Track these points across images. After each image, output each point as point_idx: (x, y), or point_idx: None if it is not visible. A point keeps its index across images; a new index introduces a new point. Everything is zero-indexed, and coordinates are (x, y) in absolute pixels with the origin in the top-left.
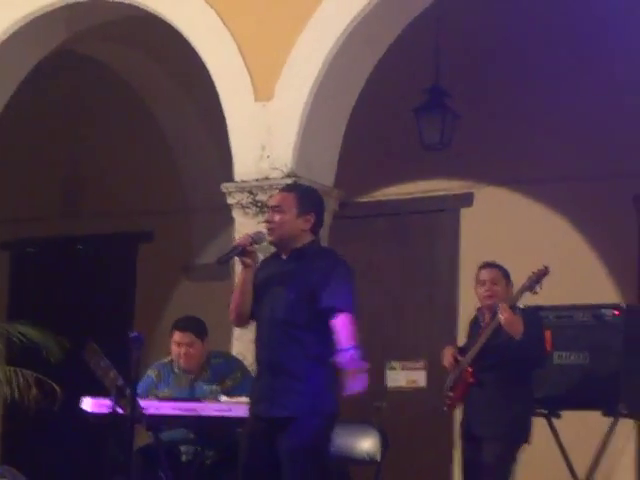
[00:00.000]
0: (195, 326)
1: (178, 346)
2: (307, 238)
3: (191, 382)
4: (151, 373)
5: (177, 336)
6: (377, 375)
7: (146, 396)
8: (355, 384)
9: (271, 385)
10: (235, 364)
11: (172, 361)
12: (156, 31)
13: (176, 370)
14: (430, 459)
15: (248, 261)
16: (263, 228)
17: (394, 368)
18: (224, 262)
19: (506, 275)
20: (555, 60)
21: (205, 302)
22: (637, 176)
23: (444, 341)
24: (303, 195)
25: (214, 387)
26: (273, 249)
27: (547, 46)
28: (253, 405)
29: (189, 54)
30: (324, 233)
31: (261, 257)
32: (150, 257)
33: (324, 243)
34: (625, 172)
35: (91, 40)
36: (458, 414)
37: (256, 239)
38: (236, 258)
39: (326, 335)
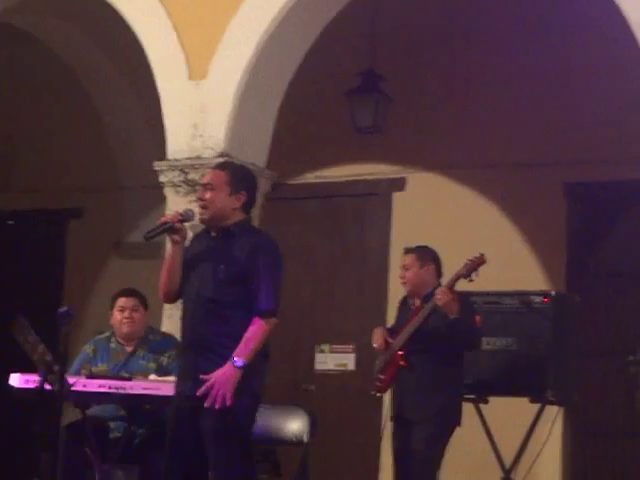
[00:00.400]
0: (139, 294)
1: (122, 311)
2: (238, 217)
3: (128, 356)
4: (87, 348)
5: (121, 301)
6: (306, 358)
7: (79, 371)
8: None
9: (195, 363)
10: (172, 342)
11: (109, 337)
12: (93, 8)
13: (112, 345)
14: (359, 442)
15: (176, 238)
16: (194, 206)
17: (323, 351)
18: (150, 237)
19: (422, 258)
20: (490, 44)
21: (136, 280)
22: (568, 164)
23: (374, 325)
24: (235, 173)
25: (150, 364)
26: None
27: (482, 30)
28: (179, 383)
29: (125, 32)
30: (255, 214)
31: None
32: (80, 234)
33: (255, 224)
34: (556, 160)
35: (26, 14)
36: (387, 397)
37: (185, 217)
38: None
39: (251, 315)
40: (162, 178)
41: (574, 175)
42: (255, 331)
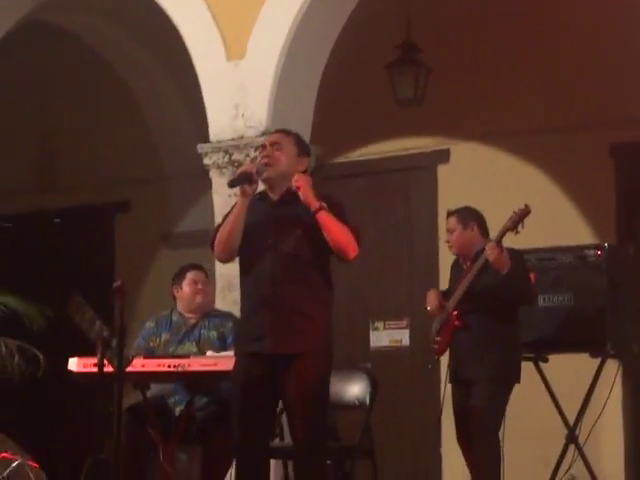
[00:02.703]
0: (205, 269)
1: (194, 284)
2: None
3: (190, 327)
4: (149, 324)
5: (192, 275)
6: (361, 336)
7: (146, 344)
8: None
9: (275, 321)
10: (231, 317)
11: (170, 312)
12: None
13: (175, 318)
14: (419, 414)
15: (249, 190)
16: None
17: (377, 328)
18: (234, 186)
19: (464, 219)
20: (525, 10)
21: None
22: (613, 125)
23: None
24: (299, 137)
25: (212, 332)
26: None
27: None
28: (248, 343)
29: (158, 18)
30: None
31: None
32: (128, 227)
33: None
34: (601, 122)
35: (59, 10)
36: (444, 363)
37: (259, 170)
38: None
39: (329, 277)
40: (206, 161)
41: (619, 136)
42: (346, 227)
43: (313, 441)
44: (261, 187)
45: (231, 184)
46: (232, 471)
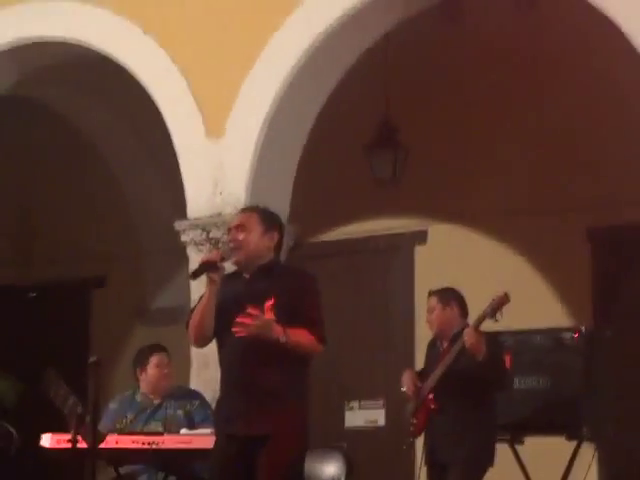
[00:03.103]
0: (166, 349)
1: (159, 367)
2: (270, 256)
3: (156, 407)
4: (112, 405)
5: (157, 358)
6: (336, 416)
7: (112, 425)
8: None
9: (247, 403)
10: (196, 394)
11: (133, 392)
12: (105, 73)
13: (138, 398)
14: None
15: (216, 277)
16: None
17: (352, 408)
18: (196, 277)
19: (444, 299)
20: (504, 91)
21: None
22: (590, 209)
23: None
24: (265, 213)
25: (178, 411)
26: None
27: (496, 77)
28: (224, 424)
29: (138, 95)
30: None
31: None
32: (104, 302)
33: None
34: (578, 205)
35: (40, 85)
36: (420, 445)
37: (225, 256)
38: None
39: (298, 358)
40: (184, 237)
41: (596, 220)
42: (308, 336)
43: None
44: None
45: (193, 276)
46: None
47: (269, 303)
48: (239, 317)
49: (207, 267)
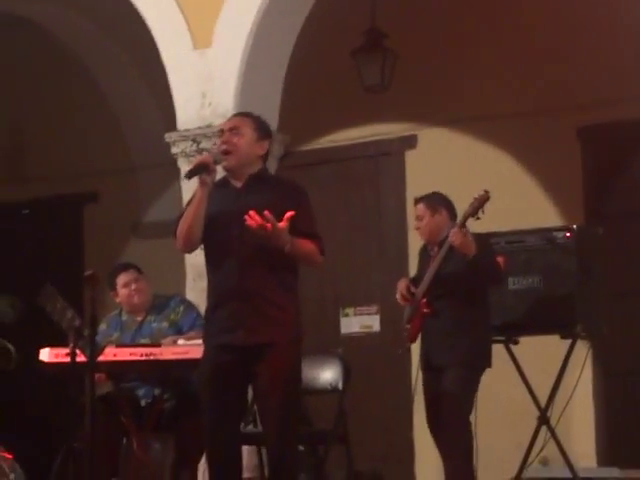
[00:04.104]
0: (133, 265)
1: (126, 286)
2: (259, 165)
3: (139, 324)
4: (102, 326)
5: (122, 277)
6: (332, 323)
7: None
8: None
9: (245, 312)
10: (176, 299)
11: (119, 312)
12: None
13: (124, 318)
14: (390, 401)
15: (208, 180)
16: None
17: (347, 315)
18: (191, 177)
19: (432, 205)
20: None
21: (155, 259)
22: (579, 108)
23: (396, 285)
24: (259, 120)
25: (163, 323)
26: None
27: None
28: (217, 334)
29: (124, 7)
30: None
31: None
32: (97, 217)
33: None
34: (567, 105)
35: (25, 1)
36: (416, 351)
37: (216, 159)
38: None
39: (296, 264)
40: (174, 149)
41: (586, 119)
42: (311, 246)
43: (287, 429)
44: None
45: (188, 175)
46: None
47: (290, 213)
48: (251, 216)
49: (201, 168)
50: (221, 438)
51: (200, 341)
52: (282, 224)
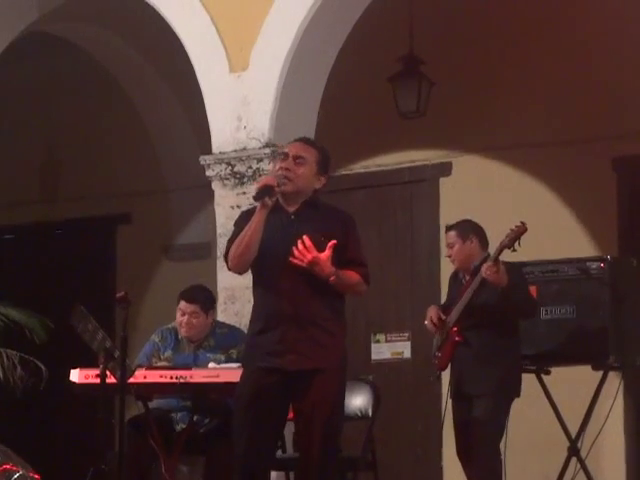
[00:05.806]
0: (201, 298)
1: (182, 314)
2: (310, 194)
3: (194, 349)
4: (154, 337)
5: (182, 305)
6: (363, 349)
7: (149, 360)
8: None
9: (296, 337)
10: (240, 335)
11: (176, 327)
12: (128, 8)
13: (180, 336)
14: (419, 428)
15: (269, 202)
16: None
17: (379, 341)
18: (259, 199)
19: (463, 232)
20: (527, 24)
21: (186, 281)
22: (615, 138)
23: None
24: (324, 153)
25: (218, 356)
26: None
27: (521, 9)
28: (264, 357)
29: (162, 30)
30: None
31: None
32: (129, 239)
33: None
34: (603, 135)
35: (63, 21)
36: (446, 378)
37: (279, 182)
38: None
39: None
40: (209, 172)
41: (621, 149)
42: (356, 277)
43: (328, 455)
44: None
45: (256, 197)
46: None
47: (332, 242)
48: (298, 247)
49: (267, 191)
50: (255, 462)
51: (232, 365)
52: (325, 253)
